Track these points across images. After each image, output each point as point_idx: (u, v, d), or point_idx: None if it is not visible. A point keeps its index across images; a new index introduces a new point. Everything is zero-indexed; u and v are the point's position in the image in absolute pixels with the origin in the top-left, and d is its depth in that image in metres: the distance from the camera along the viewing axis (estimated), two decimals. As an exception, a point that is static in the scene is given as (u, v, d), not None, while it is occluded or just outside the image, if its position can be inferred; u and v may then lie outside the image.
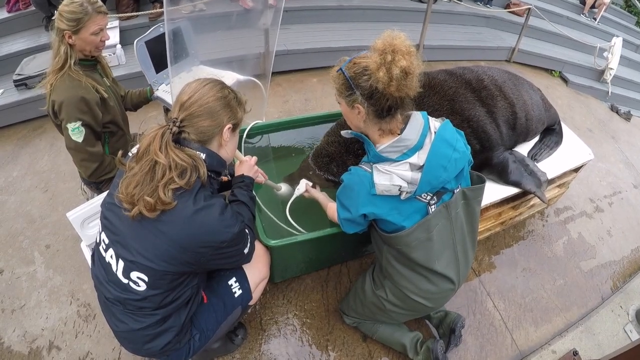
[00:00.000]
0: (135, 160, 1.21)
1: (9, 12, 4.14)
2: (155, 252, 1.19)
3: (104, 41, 1.81)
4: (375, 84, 1.23)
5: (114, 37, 3.73)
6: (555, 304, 2.38)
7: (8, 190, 2.84)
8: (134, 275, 1.23)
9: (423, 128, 1.34)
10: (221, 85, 1.32)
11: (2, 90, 3.51)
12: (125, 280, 1.25)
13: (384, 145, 1.33)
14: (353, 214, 1.40)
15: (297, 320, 2.10)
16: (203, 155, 1.25)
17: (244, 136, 2.26)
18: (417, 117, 1.37)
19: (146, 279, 1.23)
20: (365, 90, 1.26)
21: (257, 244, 1.68)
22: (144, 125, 2.55)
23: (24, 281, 2.27)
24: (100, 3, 1.76)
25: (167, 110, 2.20)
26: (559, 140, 2.48)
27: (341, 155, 1.99)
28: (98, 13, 1.73)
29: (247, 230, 1.41)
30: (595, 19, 7.45)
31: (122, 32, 3.86)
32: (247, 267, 1.58)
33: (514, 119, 2.17)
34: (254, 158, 1.72)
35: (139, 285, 1.25)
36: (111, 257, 1.27)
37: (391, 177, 1.29)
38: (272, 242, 1.73)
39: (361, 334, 2.05)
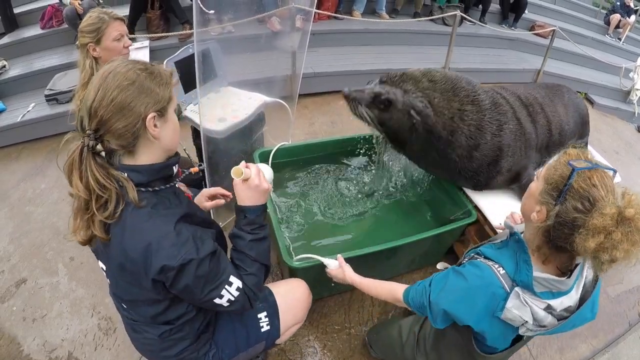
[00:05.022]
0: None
1: (42, 28, 4.32)
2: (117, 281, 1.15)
3: (128, 48, 1.87)
4: (592, 226, 0.92)
5: (144, 56, 3.83)
6: (581, 330, 2.29)
7: (36, 202, 2.91)
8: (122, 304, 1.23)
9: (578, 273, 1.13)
10: (127, 67, 1.03)
11: (33, 104, 3.64)
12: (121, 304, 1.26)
13: (542, 274, 1.08)
14: (464, 318, 1.16)
15: (318, 343, 2.07)
16: (125, 174, 1.05)
17: (271, 157, 2.27)
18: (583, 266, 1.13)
19: (125, 306, 1.22)
20: (569, 215, 0.97)
21: (303, 288, 1.62)
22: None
23: (46, 291, 2.30)
24: (115, 12, 1.84)
25: (194, 130, 2.23)
26: None
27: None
28: (115, 20, 1.80)
29: (232, 279, 1.15)
30: (620, 39, 7.37)
31: (153, 52, 3.94)
32: (283, 308, 1.52)
33: (549, 136, 2.15)
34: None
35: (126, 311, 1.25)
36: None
37: (526, 310, 1.07)
38: (296, 264, 1.71)
39: (382, 360, 2.00)
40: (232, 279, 1.15)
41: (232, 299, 1.15)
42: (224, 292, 1.13)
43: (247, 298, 1.20)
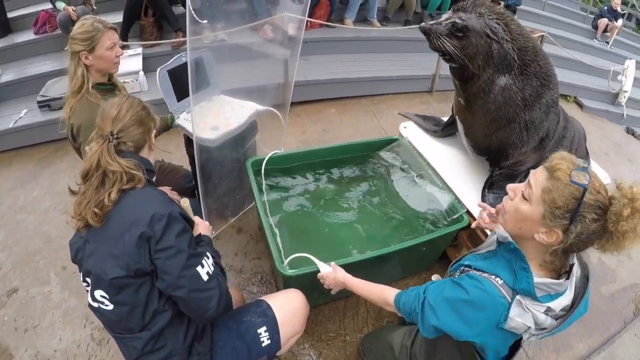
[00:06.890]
0: (82, 181, 1.28)
1: (35, 34, 4.29)
2: (104, 258, 1.21)
3: (119, 57, 1.87)
4: (609, 226, 0.99)
5: (137, 64, 3.84)
6: (576, 329, 2.31)
7: (27, 210, 2.89)
8: (98, 294, 1.25)
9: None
10: (138, 100, 1.44)
11: (26, 110, 3.61)
12: (95, 305, 1.27)
13: (541, 279, 1.10)
14: (464, 334, 1.14)
15: (313, 351, 2.07)
16: (134, 161, 1.32)
17: (264, 165, 2.28)
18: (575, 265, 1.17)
19: (106, 295, 1.24)
20: (589, 229, 1.01)
21: (300, 298, 1.67)
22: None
23: (38, 301, 2.28)
24: (107, 21, 1.84)
25: (187, 138, 2.23)
26: None
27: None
28: (109, 29, 1.81)
29: (206, 254, 1.33)
30: (607, 43, 7.49)
31: (145, 59, 3.96)
32: (282, 321, 1.56)
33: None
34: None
35: (106, 305, 1.25)
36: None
37: (528, 316, 1.08)
38: (289, 272, 1.71)
39: (377, 367, 2.01)
40: (209, 254, 1.33)
41: (210, 271, 1.28)
42: (204, 261, 1.28)
43: (219, 282, 1.30)
